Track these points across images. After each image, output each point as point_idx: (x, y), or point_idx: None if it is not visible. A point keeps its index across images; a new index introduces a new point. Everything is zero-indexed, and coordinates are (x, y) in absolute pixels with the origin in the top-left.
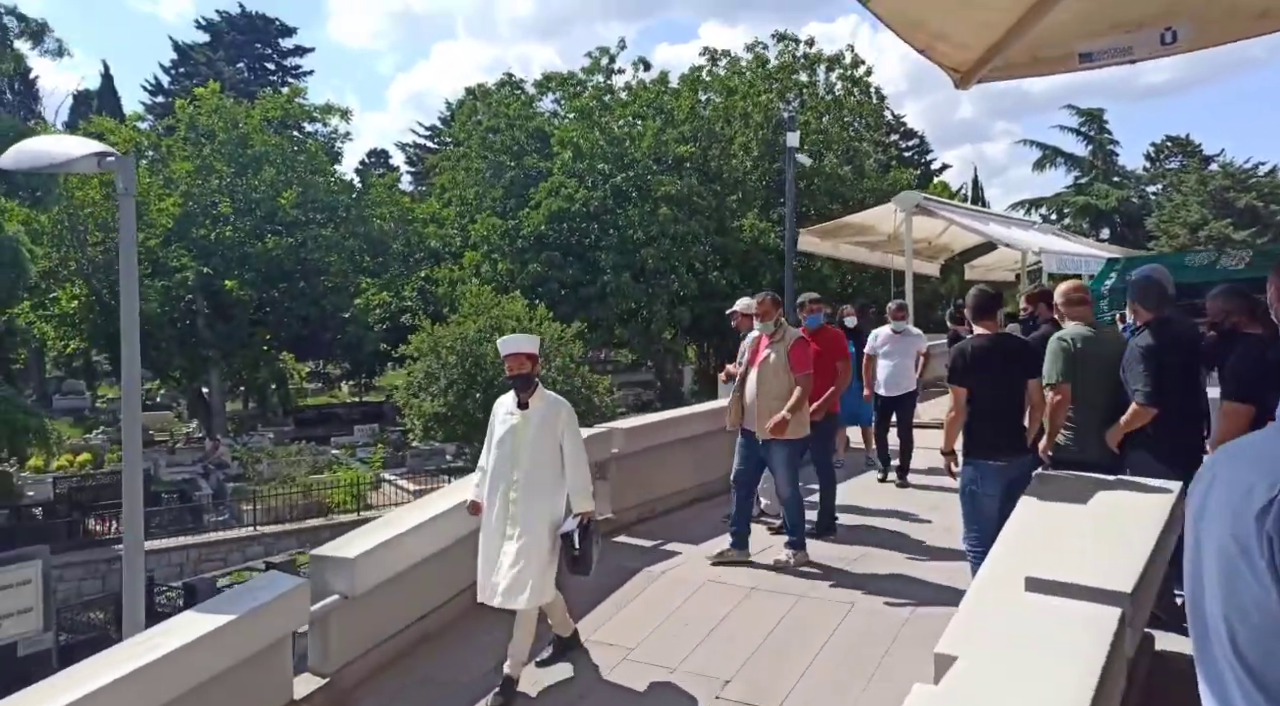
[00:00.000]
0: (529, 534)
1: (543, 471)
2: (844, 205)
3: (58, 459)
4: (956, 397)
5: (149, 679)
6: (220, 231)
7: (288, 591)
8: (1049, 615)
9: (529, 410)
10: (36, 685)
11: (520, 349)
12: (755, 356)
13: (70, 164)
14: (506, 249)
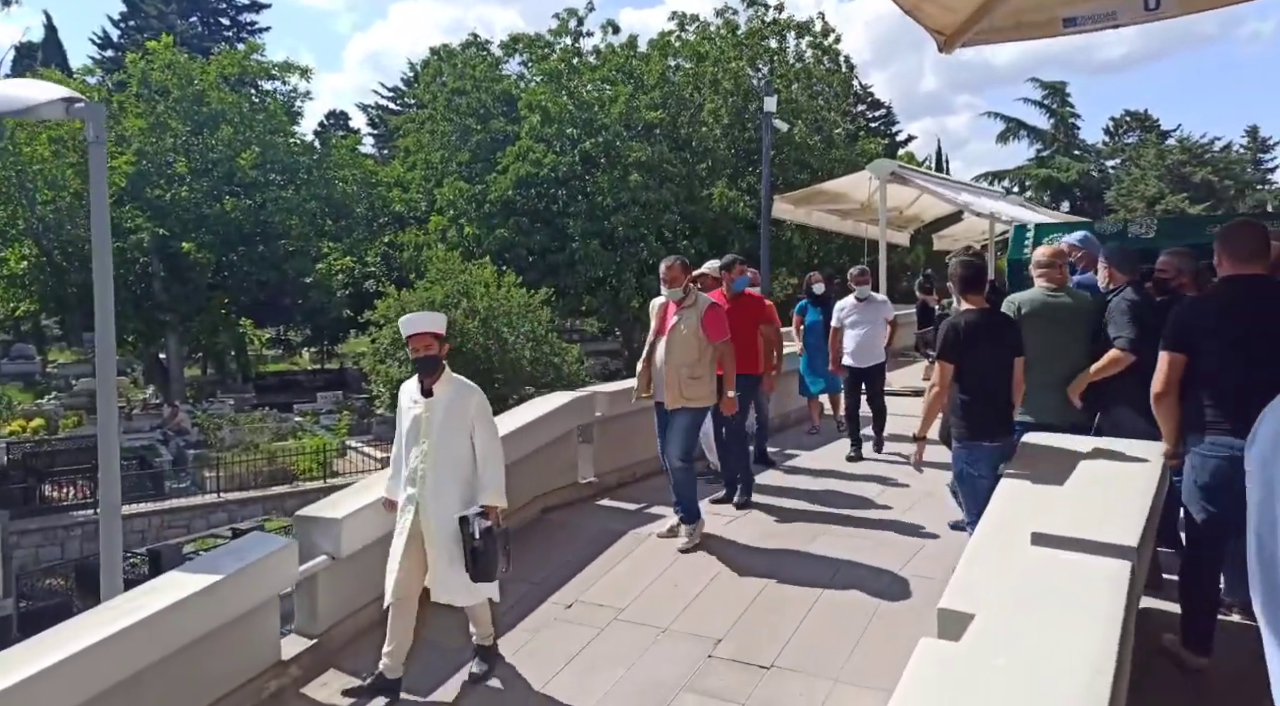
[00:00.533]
0: (441, 536)
1: (451, 465)
2: (812, 174)
3: (9, 424)
4: (943, 374)
5: (135, 638)
6: (176, 192)
7: (275, 551)
8: (1060, 568)
9: (434, 398)
10: (21, 643)
11: (425, 328)
12: (664, 324)
13: (37, 109)
14: (473, 214)
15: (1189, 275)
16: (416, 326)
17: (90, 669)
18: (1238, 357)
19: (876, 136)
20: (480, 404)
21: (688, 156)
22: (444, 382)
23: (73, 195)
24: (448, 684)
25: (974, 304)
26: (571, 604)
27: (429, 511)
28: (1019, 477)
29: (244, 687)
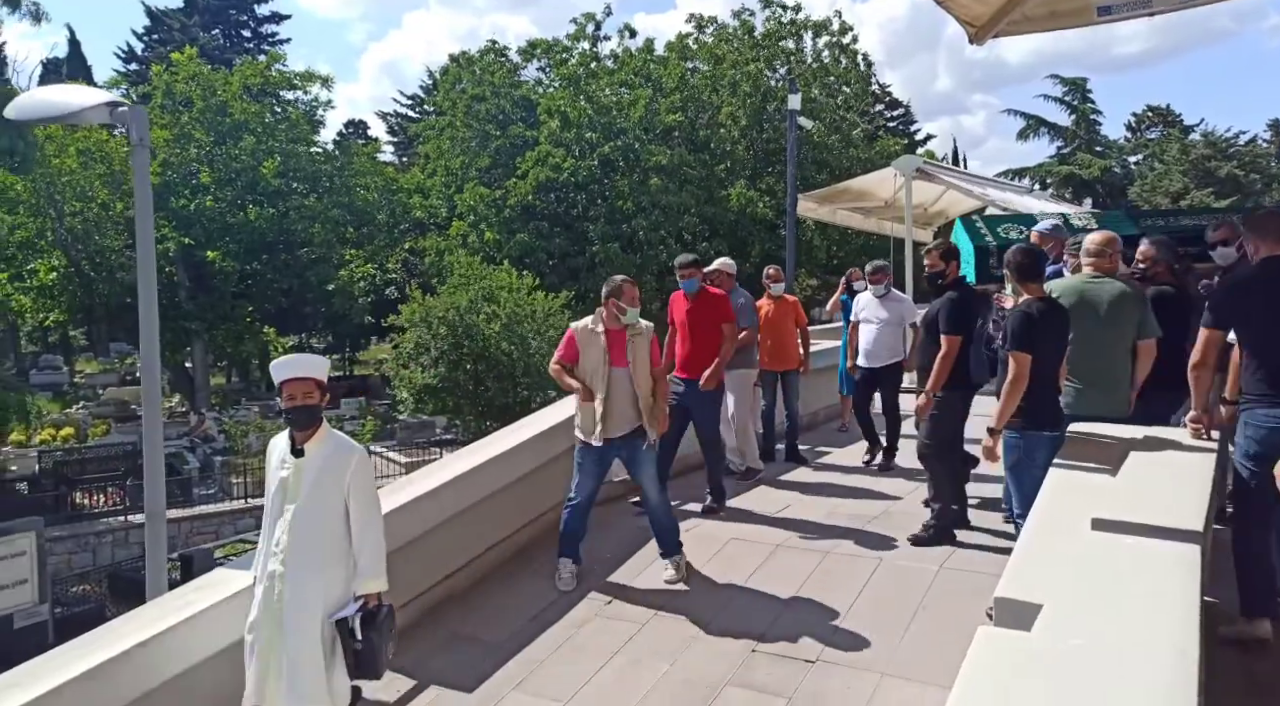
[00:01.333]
0: (298, 630)
1: (318, 541)
2: (831, 174)
3: (40, 433)
4: (1020, 366)
5: (185, 635)
6: (201, 202)
7: None
8: (1125, 553)
9: (306, 457)
10: (73, 642)
11: (303, 372)
12: (621, 355)
13: (81, 114)
14: (493, 219)
15: (1164, 265)
16: (292, 370)
17: (145, 665)
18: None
19: (895, 136)
20: (360, 466)
21: (706, 158)
22: (320, 440)
23: (100, 206)
24: (493, 678)
25: (1034, 293)
26: (611, 601)
27: (286, 594)
28: (1069, 466)
29: None
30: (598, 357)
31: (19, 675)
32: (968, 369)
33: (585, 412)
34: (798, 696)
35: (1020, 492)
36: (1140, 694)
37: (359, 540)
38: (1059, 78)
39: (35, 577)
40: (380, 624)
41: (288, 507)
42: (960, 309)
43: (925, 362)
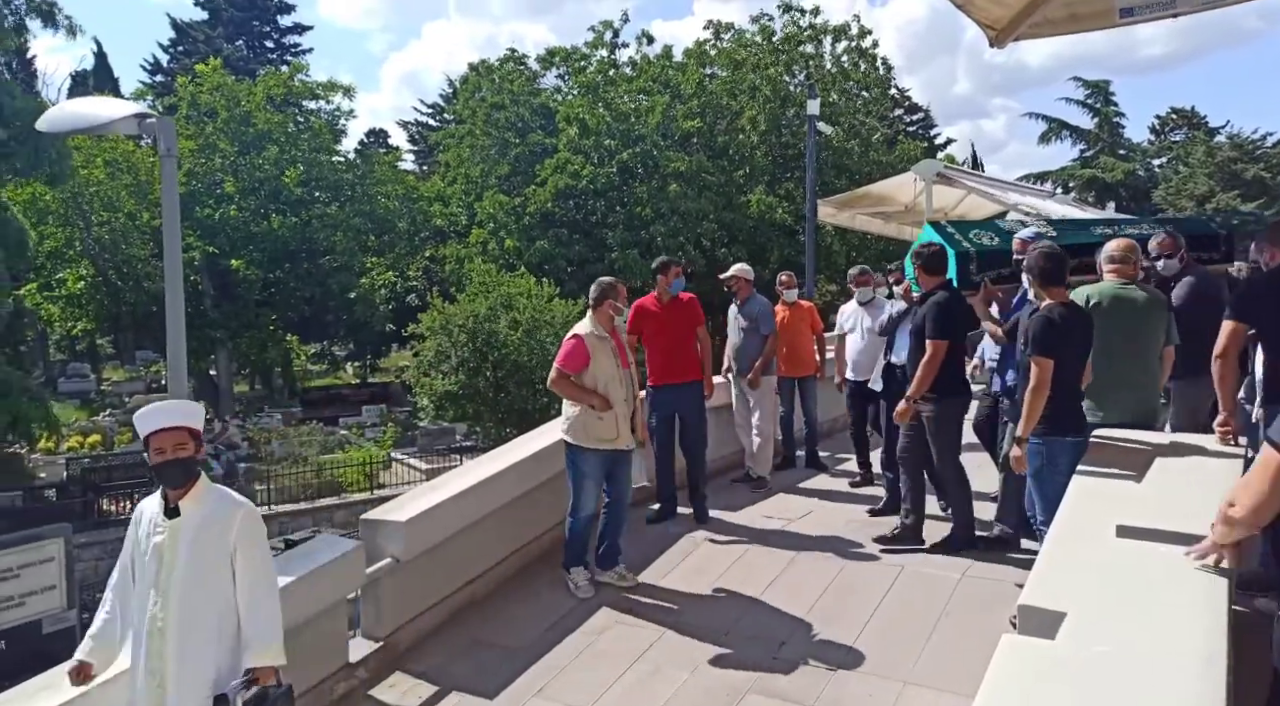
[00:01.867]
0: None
1: (203, 614)
2: (850, 179)
3: (68, 440)
4: (1043, 372)
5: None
6: (225, 211)
7: (346, 553)
8: (1151, 561)
9: (182, 519)
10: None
11: (174, 421)
12: (625, 357)
13: (110, 125)
14: (513, 226)
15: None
16: (160, 420)
17: None
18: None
19: (915, 140)
20: (247, 522)
21: (725, 164)
22: (197, 497)
23: (126, 216)
24: (514, 684)
25: (1057, 297)
26: (631, 607)
27: (170, 683)
28: (1093, 473)
29: (314, 690)
30: (611, 363)
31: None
32: (960, 374)
33: (605, 422)
34: (819, 704)
35: (1043, 499)
36: (1168, 702)
37: (247, 607)
38: (1081, 80)
39: (63, 583)
40: (276, 698)
41: (164, 577)
42: (946, 313)
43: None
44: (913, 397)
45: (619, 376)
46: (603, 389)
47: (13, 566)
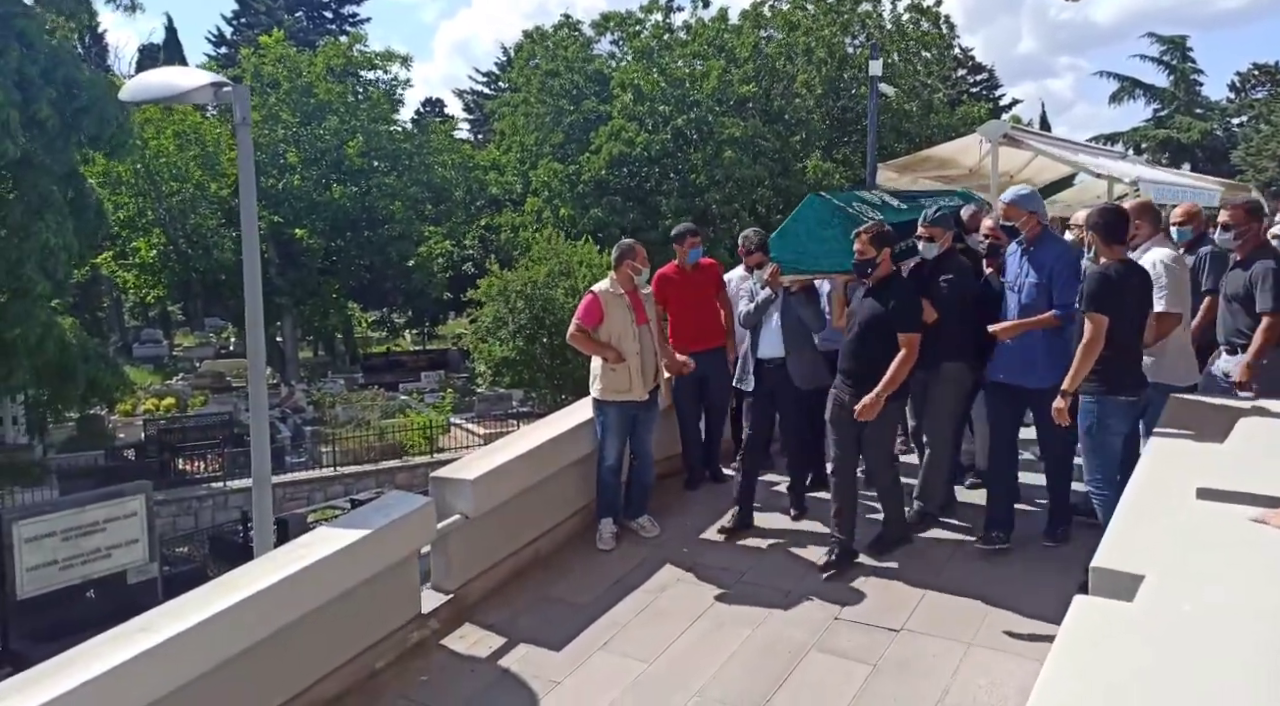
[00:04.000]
0: None
1: None
2: (910, 143)
3: (144, 403)
4: (1097, 327)
5: (296, 586)
6: (289, 181)
7: (417, 509)
8: (1233, 522)
9: None
10: (193, 592)
11: None
12: (641, 312)
13: (189, 94)
14: (567, 194)
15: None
16: None
17: (258, 614)
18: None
19: (978, 101)
20: None
21: (781, 130)
22: None
23: (195, 186)
24: (579, 638)
25: (1116, 255)
26: (692, 566)
27: None
28: (1170, 435)
29: (389, 638)
30: (625, 318)
31: (152, 617)
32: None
33: (619, 373)
34: (882, 663)
35: (1097, 459)
36: (1251, 664)
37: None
38: (1156, 36)
39: (145, 537)
40: None
41: None
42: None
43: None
44: (882, 395)
45: (633, 332)
46: (616, 343)
47: (99, 520)
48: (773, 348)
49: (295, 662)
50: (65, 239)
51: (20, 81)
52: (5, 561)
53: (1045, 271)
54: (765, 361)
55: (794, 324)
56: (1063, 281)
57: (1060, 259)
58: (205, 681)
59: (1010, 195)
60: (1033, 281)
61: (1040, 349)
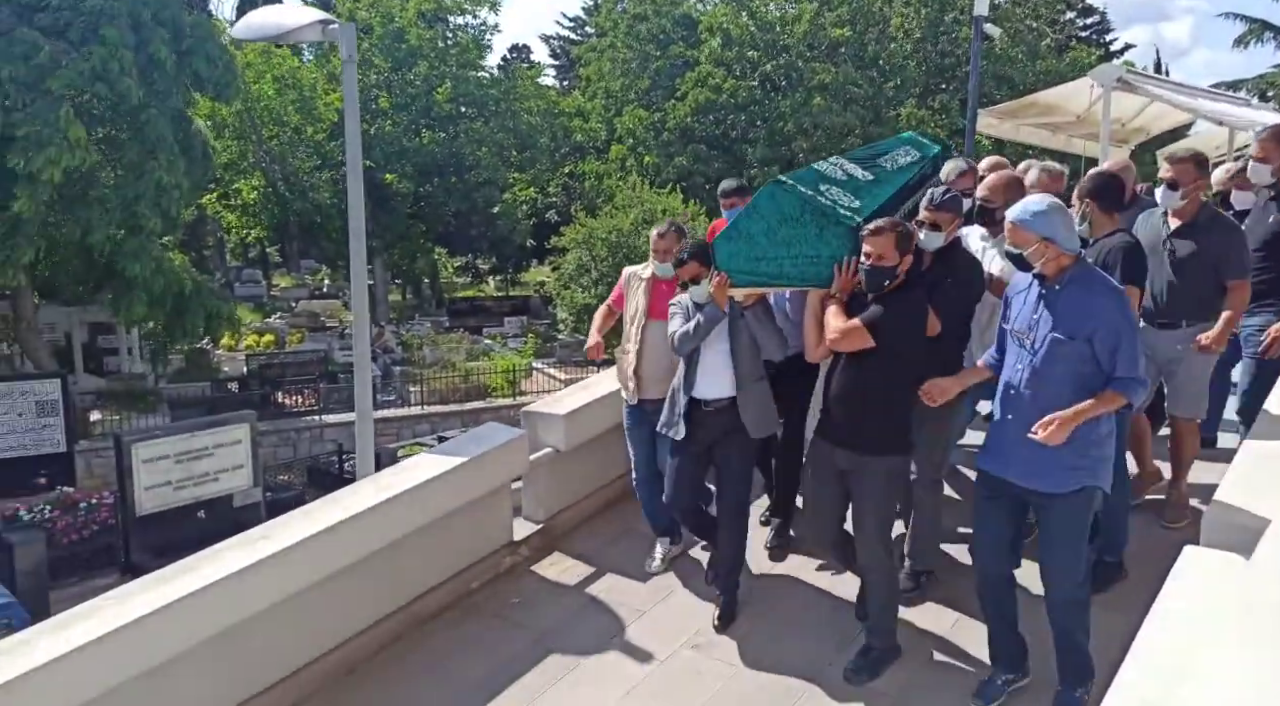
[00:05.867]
0: None
1: None
2: (1013, 90)
3: (246, 339)
4: (1141, 300)
5: (400, 506)
6: (380, 126)
7: (512, 440)
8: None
9: None
10: (306, 506)
11: None
12: (655, 305)
13: (296, 32)
14: (652, 142)
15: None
16: None
17: (366, 530)
18: None
19: (1089, 46)
20: None
21: (874, 76)
22: None
23: (293, 130)
24: (664, 574)
25: (1115, 225)
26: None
27: None
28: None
29: (483, 561)
30: (636, 307)
31: (271, 526)
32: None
33: (619, 368)
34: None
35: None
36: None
37: None
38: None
39: (250, 464)
40: None
41: None
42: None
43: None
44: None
45: (638, 323)
46: (625, 329)
47: (208, 446)
48: (716, 384)
49: (399, 579)
50: (177, 178)
51: (134, 24)
52: (125, 481)
53: (1085, 323)
54: (705, 403)
55: (746, 351)
56: (1127, 343)
57: (1115, 310)
58: (318, 590)
59: (1017, 212)
60: (1056, 336)
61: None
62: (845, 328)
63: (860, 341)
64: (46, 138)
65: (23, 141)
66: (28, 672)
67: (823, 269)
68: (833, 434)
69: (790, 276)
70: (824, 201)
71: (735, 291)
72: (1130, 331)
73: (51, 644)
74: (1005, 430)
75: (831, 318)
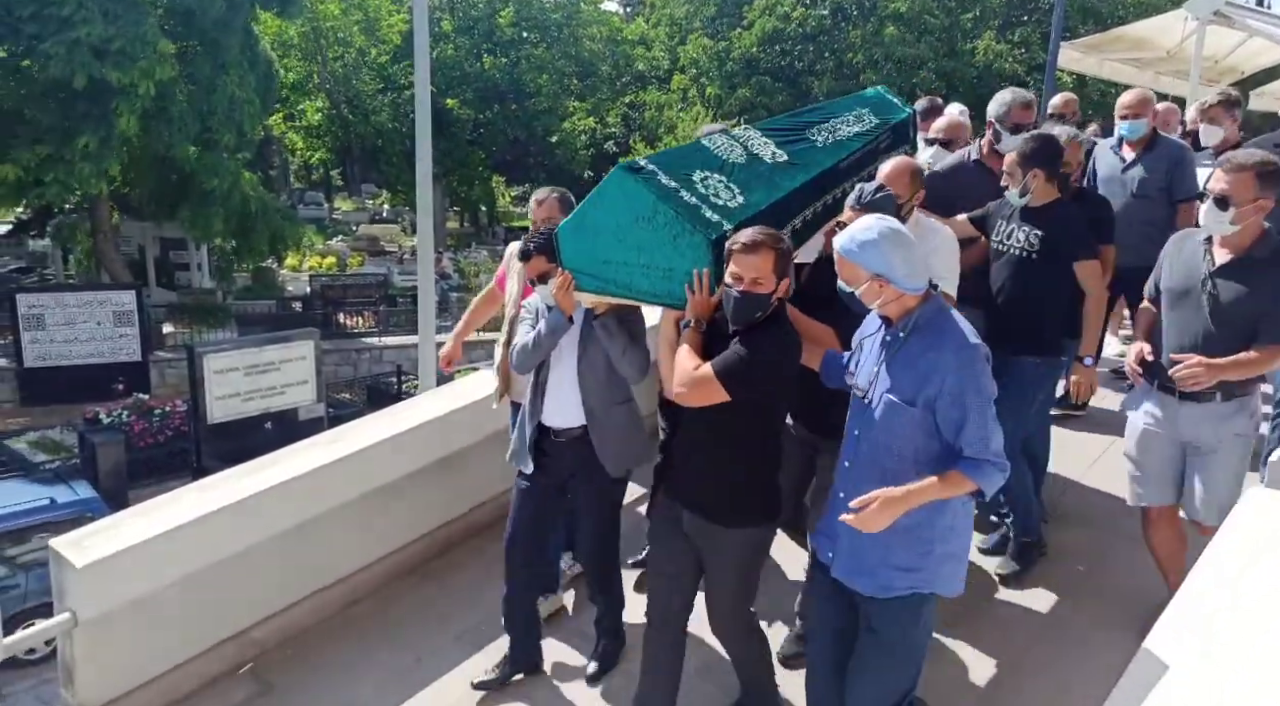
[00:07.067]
0: None
1: None
2: (1099, 22)
3: (309, 260)
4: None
5: (461, 415)
6: (442, 50)
7: None
8: None
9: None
10: (375, 413)
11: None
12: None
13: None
14: (715, 73)
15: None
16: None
17: (431, 438)
18: None
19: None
20: None
21: (952, 5)
22: None
23: (357, 52)
24: None
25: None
26: None
27: None
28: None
29: None
30: (511, 291)
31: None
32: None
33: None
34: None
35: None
36: None
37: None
38: None
39: (314, 379)
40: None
41: None
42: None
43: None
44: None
45: (512, 314)
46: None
47: (274, 360)
48: (567, 409)
49: (458, 488)
50: (247, 93)
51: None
52: (198, 390)
53: (925, 385)
54: (555, 432)
55: (599, 370)
56: (977, 414)
57: (964, 372)
58: (386, 492)
59: (842, 240)
60: (891, 398)
61: (896, 533)
62: (692, 377)
63: (709, 395)
64: (137, 50)
65: (116, 54)
66: (119, 552)
67: (678, 287)
68: (679, 491)
69: (642, 291)
70: (686, 198)
71: (583, 296)
72: (980, 399)
73: (138, 526)
74: (837, 509)
75: (682, 357)
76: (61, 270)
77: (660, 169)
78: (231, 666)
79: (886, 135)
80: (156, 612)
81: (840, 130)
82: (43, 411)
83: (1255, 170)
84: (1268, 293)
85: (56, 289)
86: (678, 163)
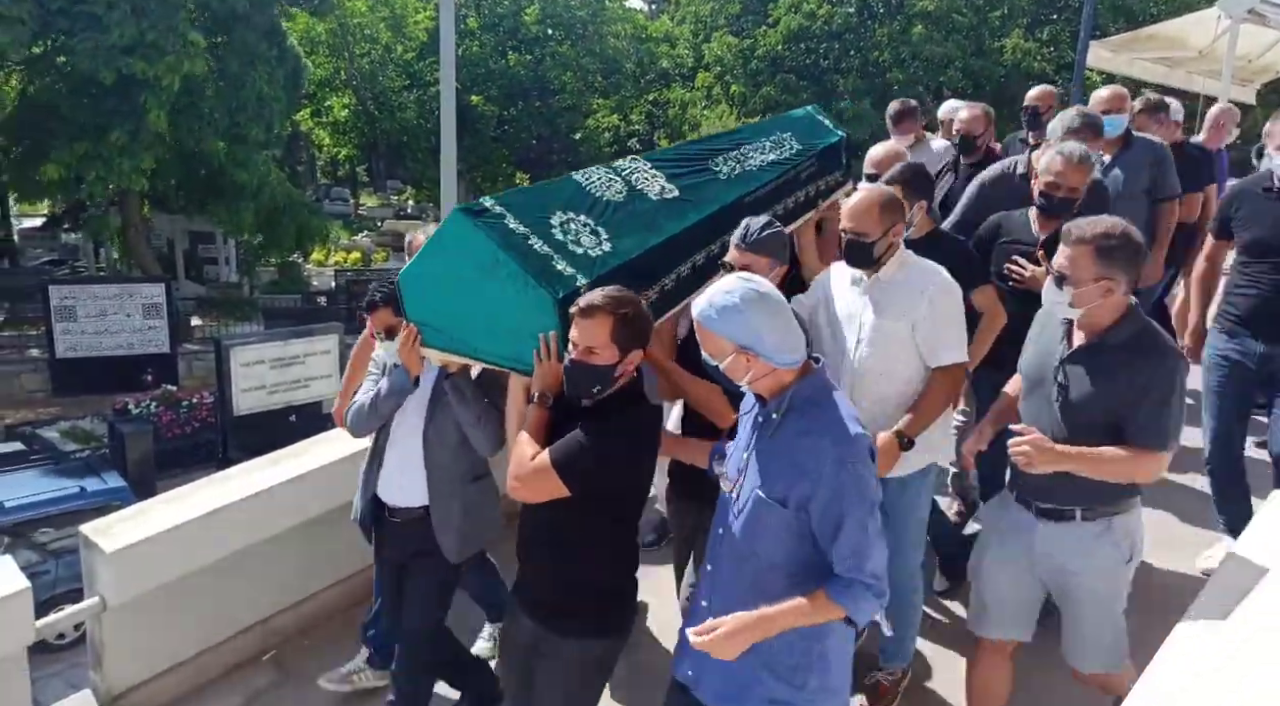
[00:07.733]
0: None
1: None
2: (1130, 20)
3: (334, 255)
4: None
5: None
6: (467, 47)
7: None
8: None
9: None
10: None
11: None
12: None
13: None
14: (740, 70)
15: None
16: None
17: None
18: None
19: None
20: None
21: (979, 3)
22: None
23: (383, 48)
24: None
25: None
26: None
27: None
28: None
29: None
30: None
31: None
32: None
33: None
34: None
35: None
36: None
37: None
38: None
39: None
40: None
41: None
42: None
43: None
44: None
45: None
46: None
47: (299, 354)
48: (405, 486)
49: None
50: (275, 90)
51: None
52: (224, 383)
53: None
54: (391, 510)
55: (449, 438)
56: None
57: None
58: None
59: (701, 307)
60: (759, 495)
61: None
62: (527, 469)
63: (546, 489)
64: (167, 43)
65: (145, 49)
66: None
67: (526, 351)
68: (519, 588)
69: (488, 352)
70: (535, 246)
71: (431, 354)
72: (860, 507)
73: (167, 514)
74: (698, 617)
75: (521, 440)
76: (93, 263)
77: (510, 211)
78: (254, 653)
79: (809, 163)
80: (183, 598)
81: (751, 159)
82: (73, 401)
83: (1094, 245)
84: (1118, 389)
85: (88, 281)
86: (535, 203)
